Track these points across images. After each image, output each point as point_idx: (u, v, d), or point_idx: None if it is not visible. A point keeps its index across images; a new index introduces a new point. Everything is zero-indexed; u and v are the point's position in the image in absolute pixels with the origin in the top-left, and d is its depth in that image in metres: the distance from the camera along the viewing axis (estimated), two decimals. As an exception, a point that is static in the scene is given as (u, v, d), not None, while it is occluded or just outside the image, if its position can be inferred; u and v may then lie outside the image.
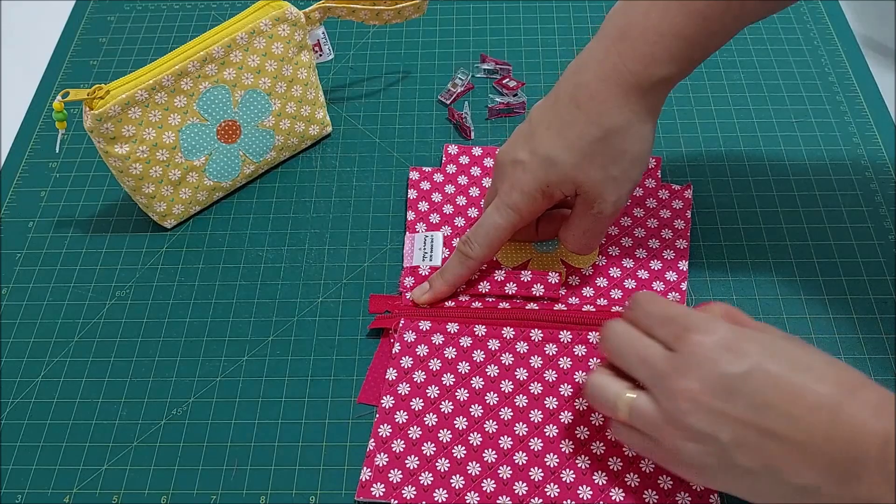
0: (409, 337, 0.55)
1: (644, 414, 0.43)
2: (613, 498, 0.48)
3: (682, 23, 0.47)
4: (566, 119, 0.50)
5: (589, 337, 0.55)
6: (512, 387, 0.53)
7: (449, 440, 0.51)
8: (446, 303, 0.57)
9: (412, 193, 0.64)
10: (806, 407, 0.39)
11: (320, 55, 0.65)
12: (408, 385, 0.53)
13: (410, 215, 0.63)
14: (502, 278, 0.57)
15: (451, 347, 0.55)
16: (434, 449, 0.51)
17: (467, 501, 0.49)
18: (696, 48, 0.48)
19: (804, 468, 0.39)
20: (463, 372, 0.54)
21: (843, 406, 0.39)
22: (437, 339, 0.55)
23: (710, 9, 0.46)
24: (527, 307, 0.56)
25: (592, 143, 0.49)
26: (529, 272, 0.57)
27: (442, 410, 0.52)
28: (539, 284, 0.57)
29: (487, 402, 0.52)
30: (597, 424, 0.51)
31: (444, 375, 0.54)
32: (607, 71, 0.49)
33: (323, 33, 0.64)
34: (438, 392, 0.53)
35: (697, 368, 0.41)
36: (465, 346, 0.55)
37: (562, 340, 0.55)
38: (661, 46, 0.47)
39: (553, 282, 0.57)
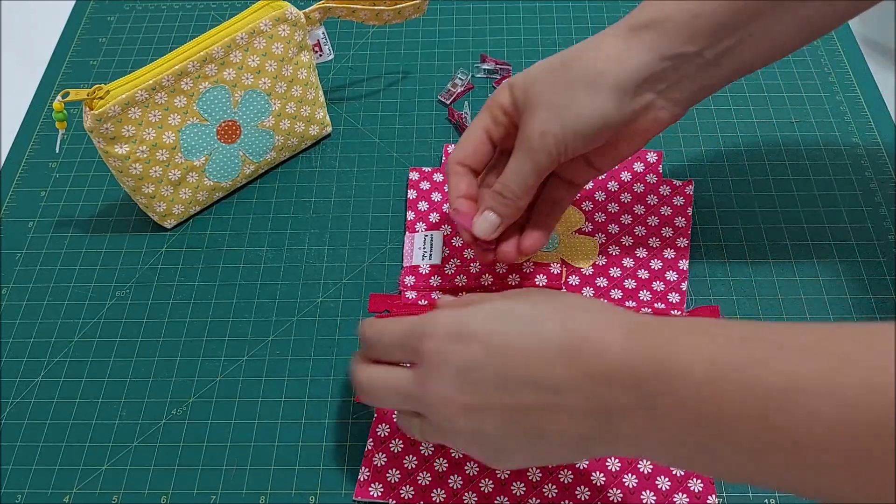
0: (409, 337, 0.55)
1: (430, 434, 0.43)
2: (611, 498, 0.48)
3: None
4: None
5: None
6: (511, 387, 0.53)
7: (448, 440, 0.51)
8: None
9: (412, 194, 0.64)
10: (541, 363, 0.38)
11: (320, 55, 0.65)
12: (407, 385, 0.53)
13: (410, 215, 0.63)
14: (504, 271, 0.57)
15: (450, 347, 0.55)
16: (432, 449, 0.51)
17: (465, 501, 0.49)
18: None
19: (568, 423, 0.38)
20: (462, 372, 0.54)
21: (574, 343, 0.38)
22: (437, 339, 0.55)
23: None
24: (526, 307, 0.56)
25: (561, 61, 0.48)
26: (532, 263, 0.58)
27: (441, 410, 0.52)
28: (542, 275, 0.57)
29: (487, 402, 0.52)
30: (596, 424, 0.51)
31: (444, 375, 0.54)
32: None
33: (323, 33, 0.64)
34: (438, 392, 0.53)
35: (437, 374, 0.40)
36: (464, 346, 0.55)
37: (561, 340, 0.55)
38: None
39: (555, 272, 0.57)
